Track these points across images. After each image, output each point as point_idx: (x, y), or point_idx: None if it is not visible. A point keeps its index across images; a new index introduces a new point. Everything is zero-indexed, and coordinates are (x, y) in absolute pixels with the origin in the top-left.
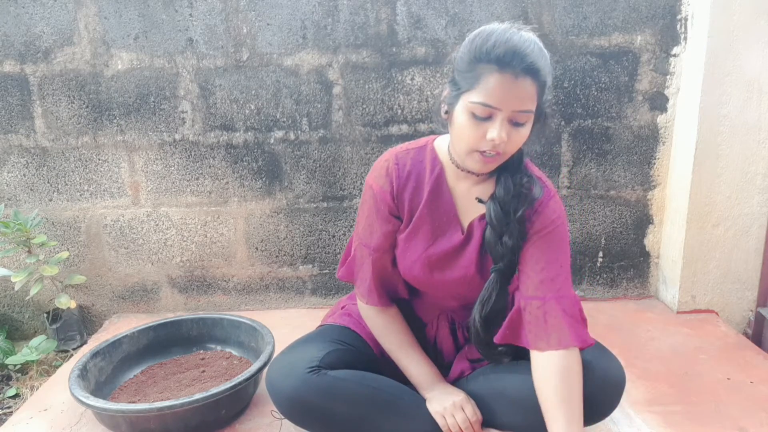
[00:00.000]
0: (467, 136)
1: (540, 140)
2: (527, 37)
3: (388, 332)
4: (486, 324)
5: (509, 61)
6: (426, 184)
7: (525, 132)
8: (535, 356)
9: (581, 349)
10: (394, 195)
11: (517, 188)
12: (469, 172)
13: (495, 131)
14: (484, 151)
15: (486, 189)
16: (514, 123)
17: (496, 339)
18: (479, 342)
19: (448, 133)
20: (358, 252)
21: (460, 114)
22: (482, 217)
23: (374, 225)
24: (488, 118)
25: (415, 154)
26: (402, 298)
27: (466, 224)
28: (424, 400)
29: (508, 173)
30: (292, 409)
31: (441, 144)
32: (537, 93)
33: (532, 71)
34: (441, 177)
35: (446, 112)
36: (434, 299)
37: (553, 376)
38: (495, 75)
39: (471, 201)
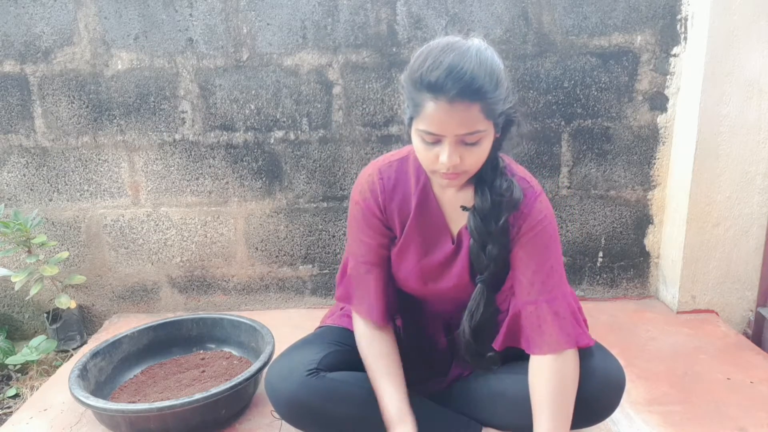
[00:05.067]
0: (423, 159)
1: (515, 146)
2: (465, 53)
3: (375, 359)
4: (475, 334)
5: (441, 87)
6: (413, 196)
7: (482, 149)
8: (531, 360)
9: (581, 348)
10: (381, 209)
11: (496, 197)
12: None
13: (445, 156)
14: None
15: (471, 195)
16: (466, 143)
17: (496, 345)
18: (470, 352)
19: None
20: (356, 270)
21: (414, 137)
22: None
23: (368, 240)
24: (437, 142)
25: (398, 165)
26: (401, 300)
27: (455, 232)
28: (423, 401)
29: (485, 182)
30: (291, 412)
31: None
32: (482, 111)
33: (467, 94)
34: (427, 187)
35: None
36: (432, 304)
37: (543, 379)
38: (430, 103)
39: (458, 208)
